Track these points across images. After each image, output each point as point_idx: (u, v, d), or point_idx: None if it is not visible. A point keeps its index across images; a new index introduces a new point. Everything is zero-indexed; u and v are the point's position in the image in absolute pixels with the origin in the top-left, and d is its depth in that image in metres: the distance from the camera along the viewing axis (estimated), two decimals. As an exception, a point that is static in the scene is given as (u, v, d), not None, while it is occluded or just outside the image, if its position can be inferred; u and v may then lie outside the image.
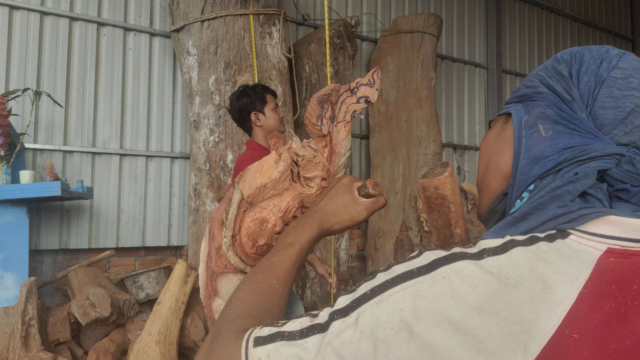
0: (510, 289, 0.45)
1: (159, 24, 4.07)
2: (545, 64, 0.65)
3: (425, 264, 0.49)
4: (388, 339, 0.46)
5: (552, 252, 0.48)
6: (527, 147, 0.60)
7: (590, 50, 0.62)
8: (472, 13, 6.18)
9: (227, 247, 0.78)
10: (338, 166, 0.84)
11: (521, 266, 0.47)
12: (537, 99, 0.62)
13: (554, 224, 0.52)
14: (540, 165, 0.58)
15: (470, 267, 0.47)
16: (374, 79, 0.81)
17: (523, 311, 0.44)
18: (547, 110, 0.60)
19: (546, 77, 0.63)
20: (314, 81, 4.31)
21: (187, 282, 3.30)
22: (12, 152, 3.03)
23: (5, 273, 2.96)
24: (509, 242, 0.50)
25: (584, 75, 0.59)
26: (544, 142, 0.58)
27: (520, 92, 0.66)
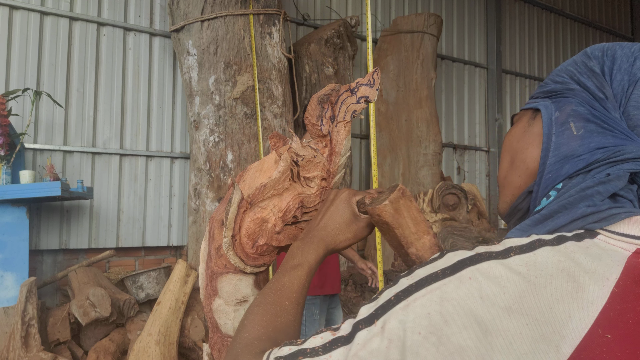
0: (540, 289, 0.44)
1: (159, 24, 4.07)
2: (575, 59, 0.64)
3: (449, 265, 0.48)
4: (416, 345, 0.45)
5: (580, 251, 0.48)
6: (557, 145, 0.58)
7: (622, 48, 0.60)
8: (472, 13, 6.18)
9: (227, 247, 0.78)
10: (338, 166, 0.84)
11: (550, 265, 0.46)
12: (568, 96, 0.61)
13: (582, 223, 0.51)
14: (571, 165, 0.56)
15: (497, 267, 0.46)
16: (373, 79, 0.81)
17: (554, 311, 0.43)
18: (579, 108, 0.58)
19: (577, 73, 0.61)
20: (314, 81, 4.31)
21: (187, 282, 3.30)
22: (12, 152, 3.03)
23: (5, 273, 2.96)
24: (536, 242, 0.49)
25: (617, 74, 0.58)
26: (576, 140, 0.57)
27: (548, 87, 0.64)
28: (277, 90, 3.72)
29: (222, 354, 0.84)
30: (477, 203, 5.11)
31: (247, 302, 0.82)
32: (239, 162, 3.56)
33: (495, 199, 6.17)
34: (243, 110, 3.58)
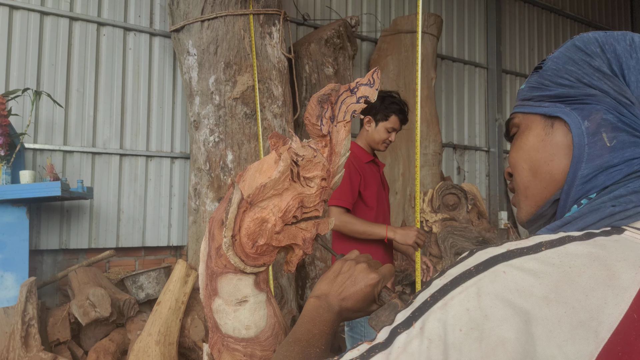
0: (575, 277, 0.45)
1: (159, 24, 4.07)
2: (571, 57, 0.62)
3: (481, 261, 0.49)
4: (458, 342, 0.45)
5: (610, 243, 0.49)
6: (590, 157, 0.57)
7: (617, 41, 0.59)
8: (472, 13, 6.18)
9: (227, 247, 0.78)
10: (338, 166, 0.84)
11: (582, 256, 0.47)
12: (590, 102, 0.59)
13: (609, 221, 0.53)
14: (607, 176, 0.56)
15: (530, 262, 0.47)
16: (373, 79, 0.81)
17: (590, 298, 0.44)
18: (608, 116, 0.57)
19: (584, 75, 0.60)
20: (313, 81, 4.31)
21: (187, 282, 3.30)
22: (12, 152, 3.03)
23: (5, 273, 2.96)
24: (565, 237, 0.50)
25: (629, 74, 0.57)
26: (609, 152, 0.56)
27: (555, 91, 0.62)
28: (277, 90, 3.72)
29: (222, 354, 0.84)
30: (477, 203, 5.11)
31: (247, 302, 0.82)
32: (239, 162, 3.56)
33: (495, 198, 6.17)
34: (243, 110, 3.58)
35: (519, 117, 0.68)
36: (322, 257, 4.19)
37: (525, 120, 0.66)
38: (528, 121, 0.66)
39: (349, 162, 2.35)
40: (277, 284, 3.49)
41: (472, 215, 4.97)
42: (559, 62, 0.63)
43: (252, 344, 0.83)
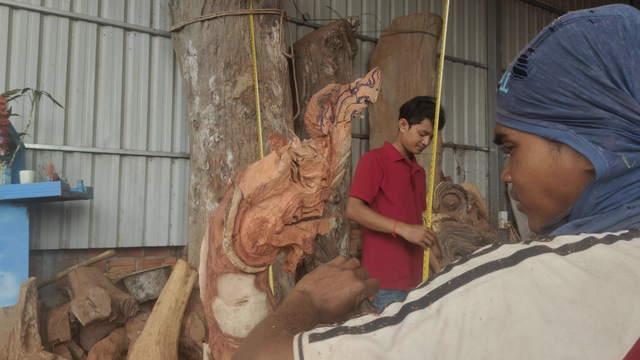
0: (602, 281, 0.45)
1: (159, 24, 4.07)
2: (562, 65, 0.57)
3: (508, 255, 0.48)
4: (476, 330, 0.44)
5: (634, 248, 0.48)
6: (609, 179, 0.56)
7: (608, 34, 0.55)
8: (472, 13, 6.18)
9: (227, 247, 0.78)
10: (338, 166, 0.84)
11: (608, 261, 0.46)
12: (597, 126, 0.56)
13: (627, 223, 0.52)
14: (623, 194, 0.55)
15: (557, 260, 0.46)
16: (374, 79, 0.81)
17: (616, 303, 0.44)
18: (621, 142, 0.54)
19: (582, 90, 0.56)
20: (314, 81, 4.31)
21: (187, 282, 3.30)
22: (12, 152, 3.03)
23: (5, 273, 2.96)
24: (590, 239, 0.49)
25: (632, 81, 0.54)
26: (629, 172, 0.55)
27: (555, 112, 0.58)
28: (277, 90, 3.72)
29: (222, 354, 0.84)
30: (477, 203, 5.11)
31: (247, 302, 0.82)
32: (239, 162, 3.56)
33: (495, 198, 6.17)
34: (243, 110, 3.58)
35: (514, 134, 0.64)
36: (322, 257, 4.19)
37: (525, 140, 0.63)
38: (528, 141, 0.62)
39: (374, 159, 2.49)
40: (277, 284, 3.49)
41: (472, 215, 4.97)
42: (548, 71, 0.58)
43: (252, 344, 0.83)
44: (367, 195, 2.46)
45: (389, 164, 2.55)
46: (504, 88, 0.64)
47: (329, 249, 4.26)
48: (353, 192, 2.47)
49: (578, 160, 0.58)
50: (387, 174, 2.52)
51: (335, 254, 4.32)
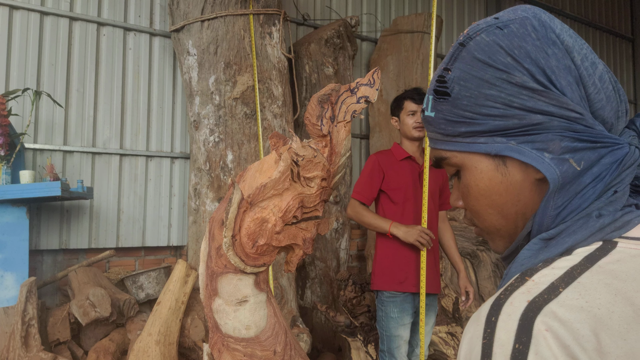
0: (607, 321, 0.43)
1: (159, 24, 4.07)
2: (483, 77, 0.54)
3: (516, 329, 0.44)
4: None
5: (617, 268, 0.47)
6: (563, 185, 0.54)
7: (521, 37, 0.53)
8: (472, 13, 6.18)
9: (227, 247, 0.77)
10: (338, 166, 0.84)
11: (601, 291, 0.45)
12: (538, 131, 0.54)
13: (600, 235, 0.50)
14: (580, 199, 0.53)
15: (559, 310, 0.44)
16: (374, 79, 0.81)
17: (628, 342, 0.42)
18: (565, 143, 0.53)
19: (511, 98, 0.53)
20: (314, 81, 4.31)
21: (187, 282, 3.30)
22: (12, 152, 3.03)
23: (5, 273, 2.96)
24: (572, 271, 0.47)
25: (558, 79, 0.52)
26: (581, 175, 0.53)
27: (489, 125, 0.55)
28: (277, 90, 3.72)
29: (222, 354, 0.84)
30: (477, 203, 5.11)
31: (247, 302, 0.82)
32: (239, 162, 3.56)
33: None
34: (243, 110, 3.58)
35: (456, 157, 0.60)
36: (322, 257, 4.19)
37: (468, 160, 0.59)
38: (472, 161, 0.59)
39: (375, 162, 2.52)
40: (277, 284, 3.49)
41: (472, 215, 4.97)
42: (471, 87, 0.55)
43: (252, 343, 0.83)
44: (365, 198, 2.51)
45: (393, 163, 2.56)
46: (430, 112, 0.61)
47: (328, 248, 4.26)
48: (353, 194, 2.54)
49: (526, 171, 0.55)
50: (389, 175, 2.53)
51: (335, 254, 4.32)
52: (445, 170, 0.63)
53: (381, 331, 2.51)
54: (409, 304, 2.48)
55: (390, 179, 2.53)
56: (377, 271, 2.54)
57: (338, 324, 3.61)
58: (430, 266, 2.51)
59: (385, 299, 2.48)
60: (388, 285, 2.47)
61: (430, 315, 2.59)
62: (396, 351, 2.45)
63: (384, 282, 2.49)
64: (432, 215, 2.56)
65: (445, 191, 2.71)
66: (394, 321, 2.45)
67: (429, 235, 2.38)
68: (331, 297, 4.13)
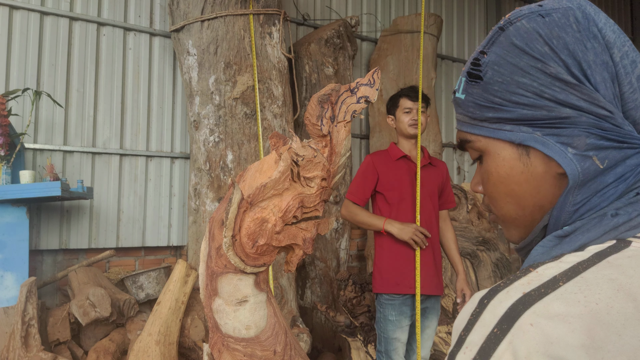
0: (604, 316, 0.42)
1: (159, 24, 4.07)
2: (517, 64, 0.53)
3: (501, 316, 0.43)
4: None
5: (626, 264, 0.45)
6: (584, 182, 0.53)
7: (561, 27, 0.52)
8: (472, 13, 6.18)
9: (227, 247, 0.77)
10: (338, 166, 0.84)
11: (604, 286, 0.43)
12: (565, 125, 0.53)
13: (614, 233, 0.49)
14: (600, 197, 0.52)
15: (554, 304, 0.42)
16: (374, 79, 0.81)
17: (623, 338, 0.41)
18: (591, 140, 0.52)
19: (543, 89, 0.53)
20: (314, 81, 4.31)
21: (187, 282, 3.30)
22: (12, 152, 3.03)
23: (5, 273, 2.96)
24: (578, 265, 0.46)
25: (593, 74, 0.51)
26: (602, 173, 0.52)
27: (517, 114, 0.55)
28: (277, 90, 3.72)
29: (222, 354, 0.84)
30: (477, 203, 5.11)
31: (247, 302, 0.82)
32: (239, 162, 3.56)
33: (495, 199, 6.17)
34: (243, 110, 3.58)
35: (480, 141, 0.60)
36: (322, 257, 4.19)
37: (492, 146, 0.59)
38: (495, 147, 0.59)
39: (369, 162, 2.50)
40: (277, 284, 3.49)
41: (472, 215, 4.97)
42: (504, 73, 0.55)
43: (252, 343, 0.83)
44: (358, 199, 2.51)
45: (388, 163, 2.55)
46: (460, 94, 0.61)
47: (328, 248, 4.26)
48: (347, 195, 2.55)
49: (549, 164, 0.54)
50: (384, 175, 2.52)
51: (335, 254, 4.32)
52: (470, 153, 0.63)
53: (379, 332, 2.51)
54: (407, 306, 2.47)
55: (385, 179, 2.52)
56: (375, 274, 2.53)
57: (338, 324, 3.61)
58: (430, 267, 2.49)
59: (384, 301, 2.47)
60: (386, 288, 2.46)
61: (432, 317, 2.57)
62: (393, 353, 2.45)
63: (382, 284, 2.48)
64: (430, 215, 2.54)
65: (446, 190, 2.69)
66: (392, 324, 2.44)
67: (423, 234, 2.36)
68: (331, 297, 4.13)
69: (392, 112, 2.59)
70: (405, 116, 2.51)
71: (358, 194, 2.51)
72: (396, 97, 2.58)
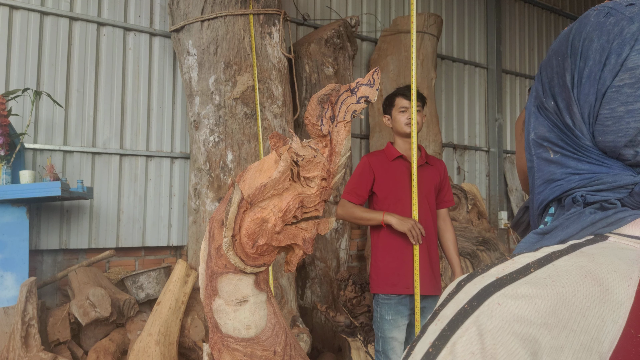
0: (570, 298, 0.43)
1: (159, 24, 4.07)
2: (561, 46, 0.56)
3: (472, 295, 0.46)
4: None
5: (598, 253, 0.47)
6: (538, 167, 0.57)
7: (603, 32, 0.52)
8: (472, 13, 6.18)
9: (227, 247, 0.77)
10: (338, 166, 0.84)
11: (572, 272, 0.45)
12: (542, 115, 0.57)
13: (592, 229, 0.51)
14: (550, 190, 0.55)
15: (522, 287, 0.44)
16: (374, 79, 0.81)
17: (587, 318, 0.42)
18: (550, 134, 0.56)
19: (554, 76, 0.56)
20: (314, 81, 4.31)
21: (187, 282, 3.30)
22: (12, 152, 3.03)
23: (5, 273, 2.96)
24: (552, 254, 0.48)
25: (585, 83, 0.52)
26: (553, 165, 0.55)
27: (537, 88, 0.58)
28: (277, 90, 3.72)
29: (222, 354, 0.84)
30: (477, 203, 5.11)
31: (247, 302, 0.82)
32: (239, 162, 3.56)
33: (495, 198, 6.17)
34: (243, 110, 3.58)
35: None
36: (322, 257, 4.19)
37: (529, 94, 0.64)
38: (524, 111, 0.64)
39: (365, 163, 2.50)
40: (277, 284, 3.49)
41: (472, 215, 4.97)
42: (555, 47, 0.57)
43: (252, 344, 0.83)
44: (355, 198, 2.52)
45: (385, 163, 2.55)
46: None
47: (328, 248, 4.26)
48: (343, 195, 2.55)
49: None
50: (380, 176, 2.52)
51: (335, 254, 4.32)
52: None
53: (376, 332, 2.51)
54: (404, 306, 2.46)
55: (382, 179, 2.52)
56: (372, 274, 2.54)
57: (338, 324, 3.61)
58: (426, 267, 2.48)
59: (380, 301, 2.48)
60: (382, 288, 2.46)
61: (426, 315, 2.57)
62: (390, 352, 2.45)
63: (378, 284, 2.48)
64: (427, 215, 2.53)
65: (444, 189, 2.68)
66: (388, 323, 2.44)
67: (420, 231, 2.36)
68: (331, 297, 4.13)
69: (388, 111, 2.59)
70: (401, 115, 2.51)
71: (354, 193, 2.51)
72: (392, 96, 2.58)
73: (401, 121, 2.51)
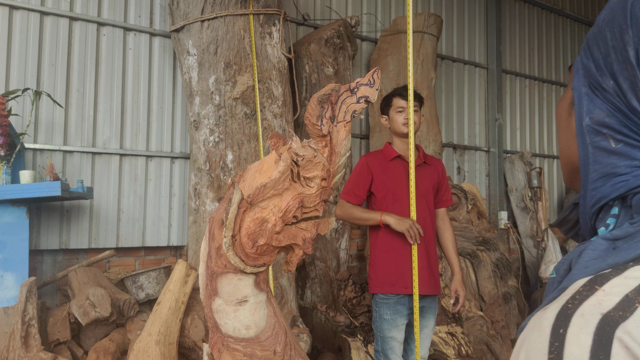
0: None
1: (159, 24, 4.07)
2: (614, 17, 0.48)
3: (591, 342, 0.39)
4: None
5: None
6: (595, 159, 0.48)
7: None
8: (472, 13, 6.18)
9: (227, 247, 0.77)
10: (338, 166, 0.84)
11: None
12: (599, 97, 0.48)
13: None
14: (612, 186, 0.47)
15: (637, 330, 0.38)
16: (373, 79, 0.81)
17: None
18: (610, 119, 0.47)
19: (612, 52, 0.47)
20: (314, 81, 4.31)
21: (187, 282, 3.30)
22: (12, 152, 3.04)
23: (5, 273, 2.96)
24: None
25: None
26: (615, 156, 0.47)
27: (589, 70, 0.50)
28: (277, 90, 3.72)
29: (222, 354, 0.84)
30: (477, 203, 5.11)
31: (247, 302, 0.82)
32: (239, 162, 3.56)
33: (495, 198, 6.17)
34: (243, 110, 3.58)
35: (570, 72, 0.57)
36: (322, 257, 4.19)
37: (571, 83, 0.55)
38: (570, 85, 0.55)
39: (363, 163, 2.50)
40: (277, 284, 3.49)
41: (472, 215, 4.97)
42: (604, 19, 0.50)
43: (252, 343, 0.83)
44: (353, 198, 2.52)
45: (383, 164, 2.55)
46: None
47: (328, 248, 4.26)
48: (341, 195, 2.55)
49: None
50: (378, 176, 2.52)
51: (335, 254, 4.32)
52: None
53: (376, 332, 2.51)
54: (403, 305, 2.46)
55: (380, 180, 2.52)
56: (370, 274, 2.54)
57: (338, 324, 3.61)
58: (424, 267, 2.47)
59: (379, 300, 2.48)
60: (381, 288, 2.46)
61: (429, 317, 2.55)
62: (389, 352, 2.45)
63: (377, 284, 2.48)
64: (425, 215, 2.53)
65: (442, 188, 2.67)
66: (387, 323, 2.44)
67: (418, 230, 2.36)
68: (331, 297, 4.13)
69: (386, 111, 2.59)
70: (399, 115, 2.51)
71: (352, 193, 2.51)
72: (389, 96, 2.58)
73: (398, 121, 2.51)
